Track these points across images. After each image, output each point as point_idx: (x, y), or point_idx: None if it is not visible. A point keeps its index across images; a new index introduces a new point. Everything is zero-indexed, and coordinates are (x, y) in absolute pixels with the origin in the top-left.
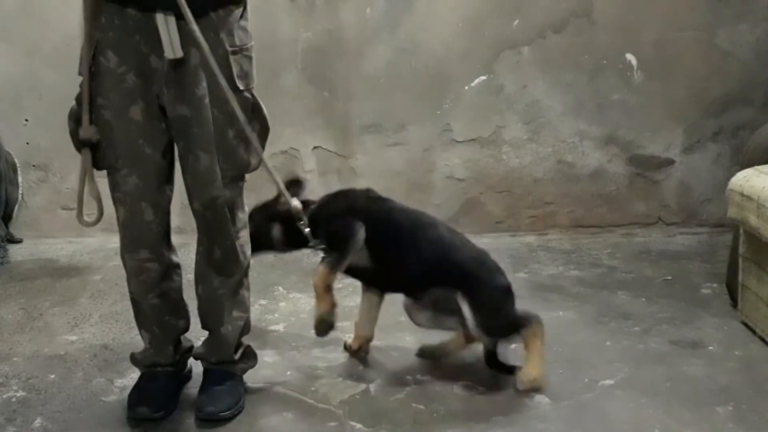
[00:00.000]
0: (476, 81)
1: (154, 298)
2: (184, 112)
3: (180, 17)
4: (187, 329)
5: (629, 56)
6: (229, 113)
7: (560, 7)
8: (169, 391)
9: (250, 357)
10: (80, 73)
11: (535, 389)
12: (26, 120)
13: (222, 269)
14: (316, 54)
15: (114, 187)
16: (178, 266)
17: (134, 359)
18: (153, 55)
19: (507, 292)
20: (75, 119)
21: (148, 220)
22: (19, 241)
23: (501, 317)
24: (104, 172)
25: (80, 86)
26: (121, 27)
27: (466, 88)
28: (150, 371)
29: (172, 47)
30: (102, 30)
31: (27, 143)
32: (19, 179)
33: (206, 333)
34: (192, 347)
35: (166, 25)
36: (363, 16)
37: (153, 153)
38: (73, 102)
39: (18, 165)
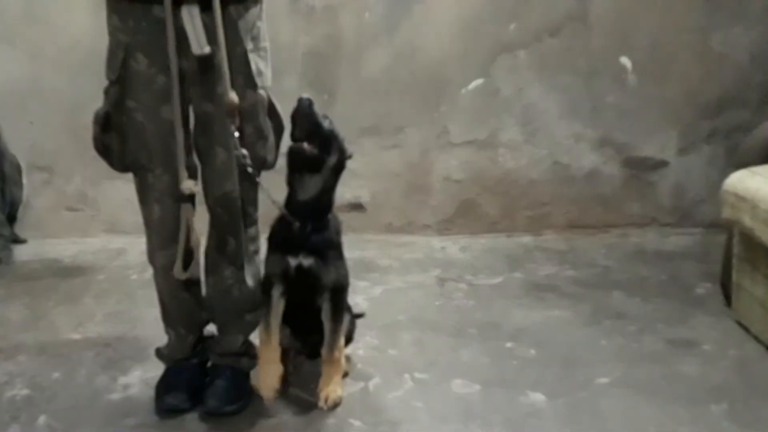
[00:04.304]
0: (473, 84)
1: (184, 291)
2: (208, 110)
3: (203, 9)
4: (208, 321)
5: (624, 59)
6: (247, 110)
7: (556, 11)
8: (195, 383)
9: (254, 355)
10: (108, 78)
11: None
12: (31, 122)
13: (235, 260)
14: (315, 58)
15: (147, 188)
16: (197, 259)
17: (160, 353)
18: (180, 55)
19: None
20: (101, 124)
21: (178, 215)
22: (24, 242)
23: None
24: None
25: (105, 92)
26: (149, 30)
27: (463, 91)
28: (176, 364)
29: (198, 43)
30: (131, 34)
31: (31, 145)
32: (24, 181)
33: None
34: (211, 337)
35: (191, 20)
36: (361, 21)
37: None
38: (100, 105)
39: (22, 167)
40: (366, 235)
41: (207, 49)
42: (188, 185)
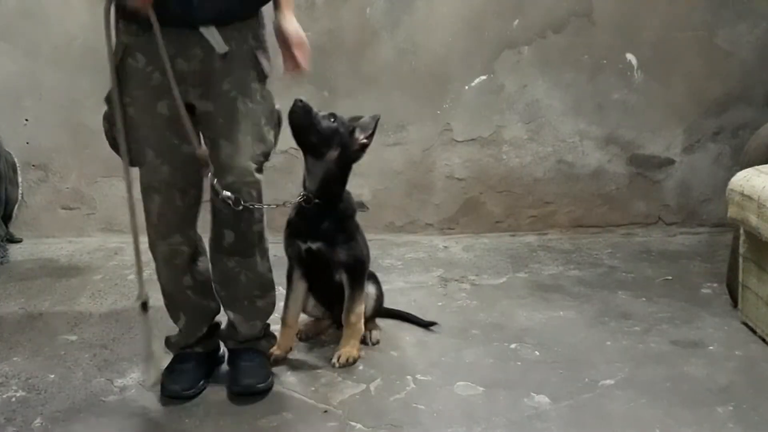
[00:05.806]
0: (476, 81)
1: (188, 281)
2: (208, 108)
3: (218, 24)
4: (218, 311)
5: (629, 56)
6: (259, 102)
7: (560, 7)
8: (199, 371)
9: (271, 336)
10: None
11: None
12: (26, 120)
13: (235, 251)
14: (316, 53)
15: (149, 178)
16: (204, 251)
17: (168, 342)
18: (179, 58)
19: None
20: (109, 119)
21: (179, 205)
22: (19, 241)
23: None
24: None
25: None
26: (151, 32)
27: (467, 87)
28: (182, 353)
29: (218, 45)
30: (133, 34)
31: (27, 143)
32: (19, 179)
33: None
34: (219, 326)
35: (210, 33)
36: (363, 16)
37: (180, 144)
38: (104, 103)
39: (18, 165)
40: (367, 234)
41: (225, 48)
42: (142, 295)
